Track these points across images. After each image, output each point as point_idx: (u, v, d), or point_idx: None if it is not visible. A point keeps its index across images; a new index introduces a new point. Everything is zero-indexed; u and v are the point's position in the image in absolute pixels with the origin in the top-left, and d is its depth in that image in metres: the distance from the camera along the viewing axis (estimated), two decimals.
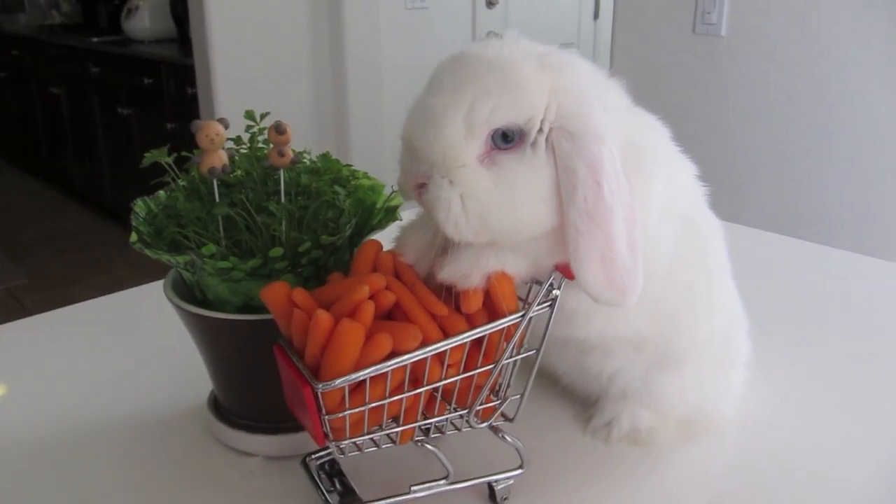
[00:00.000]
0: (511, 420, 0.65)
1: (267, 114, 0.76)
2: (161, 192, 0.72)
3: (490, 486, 0.66)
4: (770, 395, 0.82)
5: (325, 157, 0.74)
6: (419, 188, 0.57)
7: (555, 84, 0.55)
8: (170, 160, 0.71)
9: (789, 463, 0.72)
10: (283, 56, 3.11)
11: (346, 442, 0.58)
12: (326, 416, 0.56)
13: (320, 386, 0.55)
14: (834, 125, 2.22)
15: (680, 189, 0.66)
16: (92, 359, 0.92)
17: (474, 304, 0.58)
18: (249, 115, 0.75)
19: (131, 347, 0.94)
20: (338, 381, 0.55)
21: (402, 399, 0.58)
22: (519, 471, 0.66)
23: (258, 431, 0.71)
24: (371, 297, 0.57)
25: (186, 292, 0.69)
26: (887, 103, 2.10)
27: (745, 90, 2.35)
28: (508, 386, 0.63)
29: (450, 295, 0.61)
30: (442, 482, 0.64)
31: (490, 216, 0.55)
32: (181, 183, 0.71)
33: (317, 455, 0.68)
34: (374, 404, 0.57)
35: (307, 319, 0.58)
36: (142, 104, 3.69)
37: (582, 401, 0.80)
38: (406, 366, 0.57)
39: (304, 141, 0.72)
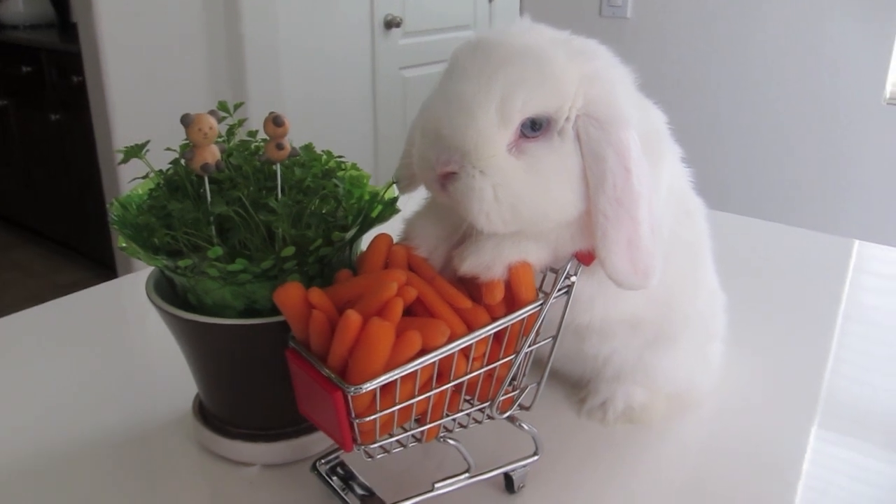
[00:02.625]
0: (528, 408, 0.64)
1: (241, 104, 0.72)
2: (133, 192, 0.67)
3: (506, 475, 0.65)
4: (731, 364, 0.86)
5: (307, 148, 0.71)
6: (444, 179, 0.55)
7: (582, 71, 0.54)
8: (142, 155, 0.66)
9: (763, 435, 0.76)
10: (176, 41, 2.95)
11: (374, 445, 0.57)
12: (356, 420, 0.54)
13: (352, 389, 0.52)
14: (729, 103, 2.34)
15: (675, 170, 0.68)
16: (50, 370, 0.84)
17: (498, 296, 0.58)
18: (223, 106, 0.70)
19: (93, 355, 0.88)
20: (371, 384, 0.53)
21: (429, 397, 0.57)
22: (534, 457, 0.66)
23: (257, 440, 0.67)
24: None
25: (172, 297, 0.64)
26: (778, 82, 2.23)
27: (650, 70, 2.43)
28: (524, 375, 0.63)
29: (464, 286, 0.60)
30: (463, 476, 0.63)
31: (521, 206, 0.54)
32: (157, 181, 0.67)
33: (326, 459, 0.66)
34: (403, 404, 0.55)
35: (326, 321, 0.56)
36: (20, 94, 3.42)
37: (572, 383, 0.81)
38: (434, 362, 0.55)
39: None
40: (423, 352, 0.55)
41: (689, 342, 0.75)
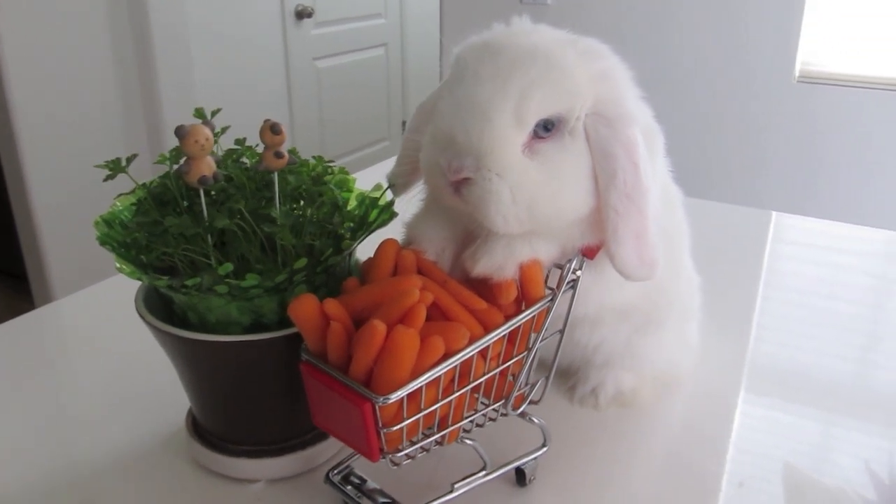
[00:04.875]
0: (537, 402, 0.65)
1: (218, 110, 0.69)
2: (115, 209, 0.64)
3: (518, 468, 0.66)
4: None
5: (292, 152, 0.69)
6: (459, 184, 0.55)
7: (592, 71, 0.55)
8: (125, 169, 0.63)
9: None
10: (78, 36, 2.80)
11: (401, 453, 0.56)
12: (384, 430, 0.54)
13: (381, 400, 0.52)
14: (649, 85, 2.41)
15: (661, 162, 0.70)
16: (25, 394, 0.80)
17: (512, 295, 0.58)
18: (199, 113, 0.68)
19: (67, 376, 0.83)
20: (399, 392, 0.52)
21: (451, 400, 0.57)
22: (543, 449, 0.67)
23: (262, 455, 0.66)
24: None
25: (161, 313, 0.62)
26: (694, 63, 2.31)
27: None
28: (533, 371, 0.64)
29: (472, 286, 0.60)
30: (481, 474, 0.64)
31: (537, 206, 0.55)
32: (140, 195, 0.64)
33: (338, 469, 0.65)
34: (428, 410, 0.55)
35: (344, 332, 0.55)
36: None
37: (560, 372, 0.82)
38: (456, 365, 0.56)
39: (112, 121, 0.62)
40: (446, 356, 0.55)
41: (673, 325, 0.78)
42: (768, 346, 0.92)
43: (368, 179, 0.72)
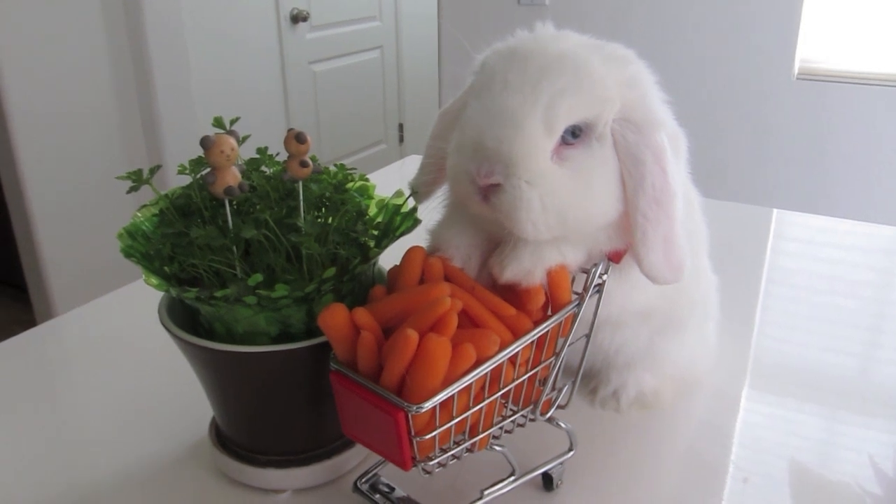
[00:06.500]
0: (564, 407, 0.65)
1: (236, 119, 0.69)
2: (137, 220, 0.64)
3: (545, 473, 0.66)
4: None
5: (313, 160, 0.69)
6: (486, 191, 0.55)
7: (619, 77, 0.55)
8: (148, 180, 0.63)
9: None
10: (75, 41, 2.79)
11: (433, 462, 0.56)
12: (417, 438, 0.54)
13: (414, 408, 0.52)
14: None
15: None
16: (40, 409, 0.79)
17: (540, 301, 0.58)
18: (218, 122, 0.68)
19: (81, 391, 0.83)
20: (432, 401, 0.52)
21: (482, 407, 0.57)
22: (570, 453, 0.67)
23: (289, 465, 0.65)
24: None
25: (182, 322, 0.61)
26: (695, 63, 2.32)
27: None
28: (560, 375, 0.64)
29: (498, 292, 0.60)
30: (510, 479, 0.64)
31: (567, 213, 0.55)
32: (162, 206, 0.63)
33: (366, 478, 0.65)
34: (460, 417, 0.55)
35: (374, 341, 0.55)
36: None
37: (582, 375, 0.82)
38: (487, 372, 0.55)
39: (108, 127, 0.61)
40: (477, 363, 0.54)
41: (693, 326, 0.78)
42: (772, 343, 0.92)
43: (377, 183, 0.72)
